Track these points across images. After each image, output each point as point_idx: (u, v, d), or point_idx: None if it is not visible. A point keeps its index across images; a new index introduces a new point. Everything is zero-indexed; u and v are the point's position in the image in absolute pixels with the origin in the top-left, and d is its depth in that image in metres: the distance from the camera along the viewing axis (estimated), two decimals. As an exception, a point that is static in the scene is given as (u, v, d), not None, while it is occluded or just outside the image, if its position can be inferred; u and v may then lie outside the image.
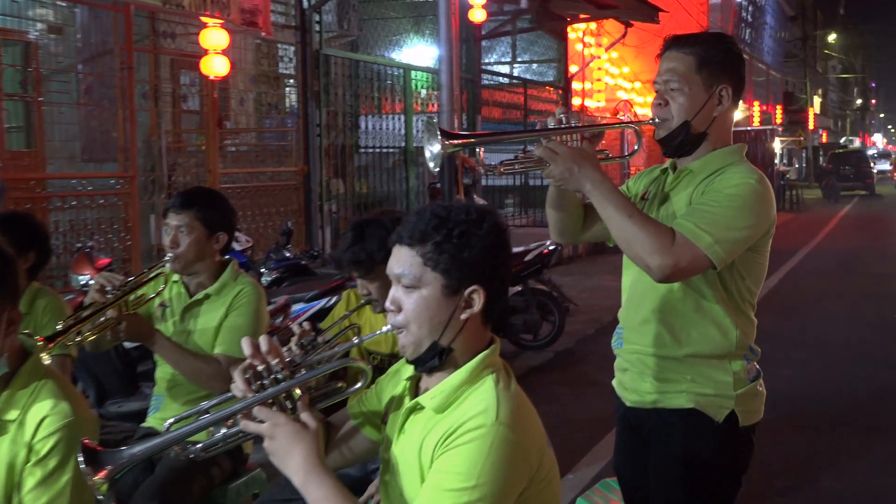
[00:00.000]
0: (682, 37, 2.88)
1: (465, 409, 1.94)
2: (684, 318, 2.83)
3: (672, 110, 2.81)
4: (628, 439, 3.05)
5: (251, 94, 11.83)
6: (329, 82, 12.28)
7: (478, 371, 2.00)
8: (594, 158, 2.70)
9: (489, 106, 16.93)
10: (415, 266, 1.98)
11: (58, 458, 2.26)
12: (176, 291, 3.70)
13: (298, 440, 1.91)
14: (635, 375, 2.96)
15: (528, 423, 1.97)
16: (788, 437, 6.43)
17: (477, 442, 1.86)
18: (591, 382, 7.73)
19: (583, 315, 10.53)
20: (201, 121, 11.12)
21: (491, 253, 1.99)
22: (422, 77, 14.50)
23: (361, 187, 13.36)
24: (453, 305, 1.98)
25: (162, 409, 3.65)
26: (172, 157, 10.93)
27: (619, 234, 2.66)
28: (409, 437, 2.04)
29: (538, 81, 20.50)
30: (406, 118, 14.08)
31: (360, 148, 13.59)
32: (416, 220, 2.00)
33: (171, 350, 3.41)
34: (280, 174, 11.82)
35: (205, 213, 3.58)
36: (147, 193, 10.00)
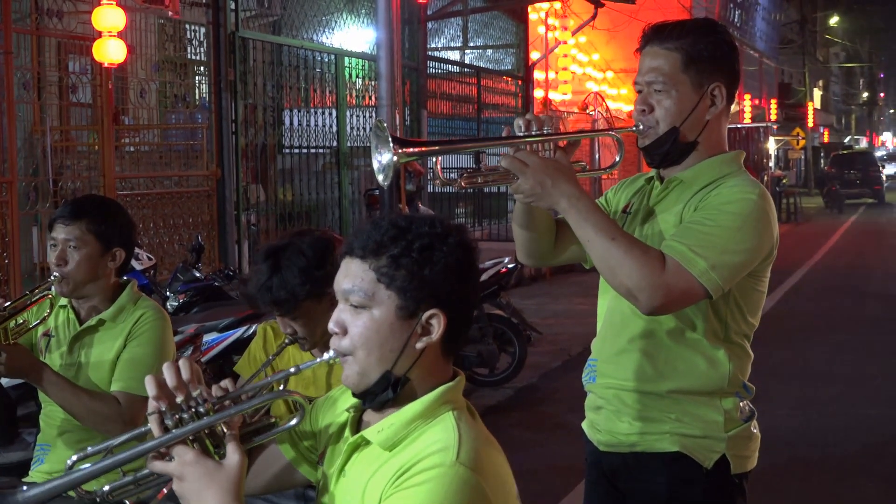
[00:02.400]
0: (664, 27, 2.89)
1: (420, 446, 1.94)
2: (669, 348, 2.87)
3: (657, 116, 2.84)
4: (602, 491, 3.07)
5: (154, 85, 11.76)
6: (247, 70, 12.25)
7: (436, 405, 2.00)
8: (570, 171, 2.73)
9: (436, 99, 16.99)
10: (366, 282, 1.98)
11: None
12: (63, 318, 3.66)
13: (211, 481, 1.90)
14: (610, 414, 2.98)
15: (495, 467, 1.97)
16: (788, 487, 6.50)
17: (432, 484, 1.86)
18: (557, 424, 7.74)
19: (548, 345, 10.59)
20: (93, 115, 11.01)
21: (455, 273, 2.00)
22: (357, 64, 14.51)
23: (285, 194, 13.31)
24: (408, 331, 1.98)
25: (48, 459, 3.61)
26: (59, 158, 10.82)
27: (600, 260, 2.69)
28: (351, 479, 2.03)
29: (494, 70, 20.60)
30: (338, 113, 14.08)
31: (283, 148, 13.56)
32: (371, 230, 2.00)
33: (60, 388, 3.37)
34: (188, 179, 11.75)
35: (98, 226, 3.55)
36: (28, 202, 9.88)
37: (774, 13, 50.67)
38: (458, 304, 2.02)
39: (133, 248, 3.70)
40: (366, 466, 2.00)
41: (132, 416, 3.41)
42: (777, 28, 51.81)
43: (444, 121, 17.34)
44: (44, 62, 10.65)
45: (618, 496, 3.01)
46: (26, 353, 3.38)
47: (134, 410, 3.42)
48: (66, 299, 3.64)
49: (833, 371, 10.14)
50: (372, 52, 14.23)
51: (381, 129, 2.60)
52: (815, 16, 59.70)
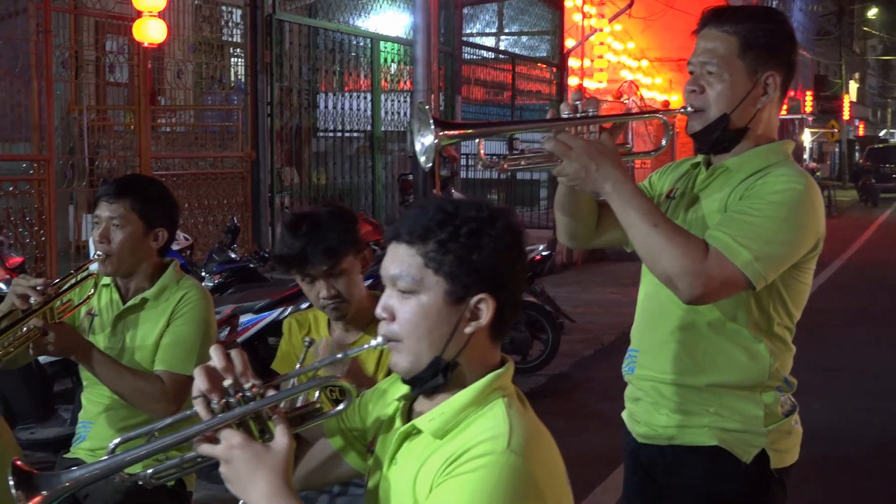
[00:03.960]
0: (724, 11, 2.86)
1: (471, 434, 1.94)
2: (708, 340, 2.85)
3: (709, 98, 2.81)
4: (639, 482, 3.07)
5: (190, 66, 11.79)
6: (282, 53, 12.25)
7: (486, 393, 2.00)
8: (615, 154, 2.71)
9: (470, 84, 16.95)
10: (414, 267, 1.98)
11: None
12: (106, 297, 3.68)
13: (260, 464, 1.90)
14: (649, 406, 2.97)
15: (546, 455, 1.97)
16: (828, 483, 6.45)
17: (483, 471, 1.86)
18: (590, 413, 7.75)
19: (580, 333, 10.58)
20: (130, 95, 11.07)
21: (504, 257, 1.99)
22: (392, 49, 14.49)
23: (319, 178, 13.32)
24: (457, 316, 1.98)
25: (90, 437, 3.63)
26: (95, 137, 10.88)
27: (641, 246, 2.67)
28: (402, 467, 2.03)
29: (529, 57, 20.53)
30: (373, 97, 14.06)
31: (317, 131, 13.57)
32: (417, 215, 2.00)
33: (105, 366, 3.39)
34: (223, 161, 11.78)
35: (142, 205, 3.57)
36: (65, 180, 9.94)
37: (812, 4, 50.20)
38: (506, 288, 2.02)
39: (175, 229, 3.72)
40: (417, 455, 2.00)
41: (175, 394, 3.43)
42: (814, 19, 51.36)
43: (478, 107, 17.29)
44: (81, 41, 10.70)
45: (655, 488, 3.00)
46: (73, 332, 3.40)
47: (177, 389, 3.44)
48: (110, 279, 3.66)
49: (869, 366, 10.07)
50: (407, 37, 14.21)
51: (423, 112, 2.59)
52: (852, 7, 59.13)
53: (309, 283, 3.21)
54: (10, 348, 3.23)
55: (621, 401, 3.14)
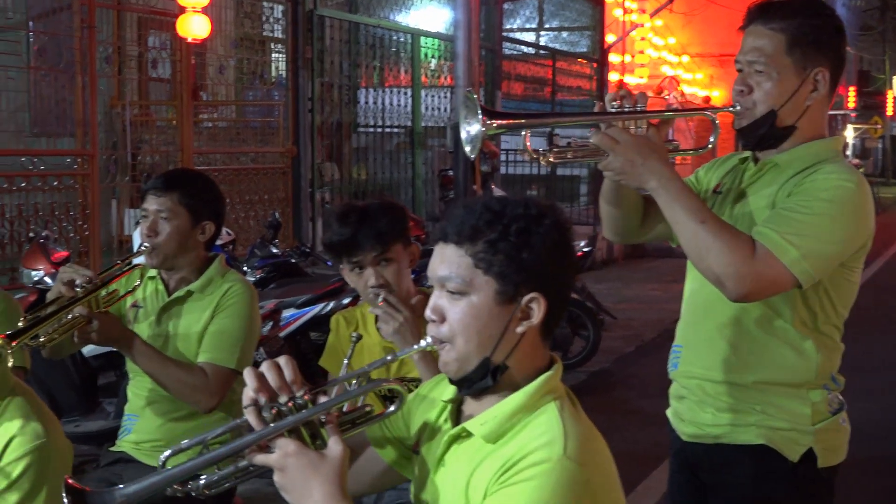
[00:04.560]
0: (769, 6, 2.82)
1: (526, 439, 1.92)
2: (755, 338, 2.82)
3: (755, 98, 2.78)
4: (684, 480, 3.05)
5: (231, 61, 11.85)
6: (323, 48, 12.28)
7: (538, 396, 1.98)
8: (662, 150, 2.69)
9: (510, 80, 16.93)
10: (463, 268, 1.96)
11: (30, 482, 2.30)
12: (151, 289, 3.70)
13: (316, 472, 1.88)
14: (693, 405, 2.95)
15: (601, 459, 1.95)
16: (874, 483, 6.39)
17: (540, 479, 1.84)
18: (631, 410, 7.70)
19: (621, 330, 10.55)
20: (172, 91, 11.13)
21: (553, 255, 1.97)
22: (432, 44, 14.49)
23: (359, 173, 13.34)
24: (508, 316, 1.96)
25: (136, 429, 3.65)
26: (137, 132, 10.95)
27: (688, 243, 2.65)
28: (451, 469, 2.02)
29: (569, 52, 20.47)
30: (413, 92, 14.07)
31: (358, 127, 13.60)
32: (464, 215, 1.98)
33: (149, 357, 3.41)
34: (264, 156, 11.83)
35: (190, 199, 3.58)
36: (108, 175, 10.02)
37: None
38: (556, 286, 2.00)
39: (222, 223, 3.73)
40: (468, 458, 1.99)
41: (218, 387, 3.44)
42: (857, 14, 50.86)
43: (518, 102, 17.26)
44: (124, 37, 10.78)
45: (701, 487, 2.98)
46: (117, 322, 3.42)
47: (220, 382, 3.45)
48: (156, 271, 3.68)
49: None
50: (447, 32, 14.20)
51: (470, 100, 2.58)
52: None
53: (357, 272, 3.19)
54: (55, 335, 3.25)
55: (663, 398, 3.12)
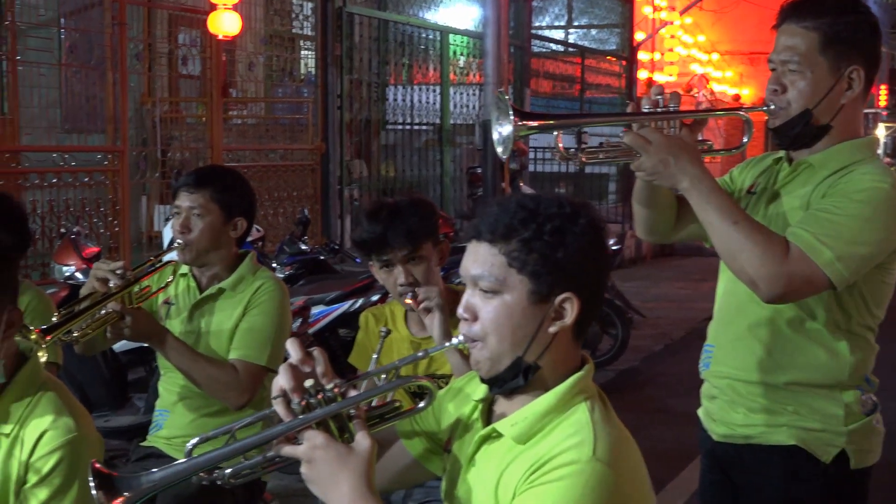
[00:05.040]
0: (803, 4, 2.79)
1: (555, 440, 1.91)
2: (787, 338, 2.81)
3: (789, 97, 2.75)
4: (716, 480, 3.04)
5: (261, 58, 11.88)
6: (353, 46, 12.29)
7: (569, 396, 1.97)
8: (694, 150, 2.67)
9: (539, 77, 16.89)
10: (497, 267, 1.95)
11: (62, 478, 2.31)
12: (183, 286, 3.71)
13: (343, 466, 1.89)
14: (725, 404, 2.94)
15: (631, 461, 1.94)
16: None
17: (569, 480, 1.83)
18: (660, 409, 7.70)
19: (649, 328, 10.52)
20: (202, 88, 11.18)
21: (588, 254, 1.96)
22: (461, 42, 14.47)
23: (388, 170, 13.35)
24: (541, 315, 1.95)
25: (167, 425, 3.67)
26: (167, 129, 11.00)
27: (721, 244, 2.64)
28: (481, 469, 2.01)
29: (598, 50, 20.39)
30: (442, 90, 14.06)
31: (386, 124, 13.61)
32: (498, 213, 1.97)
33: (181, 353, 3.42)
34: (293, 153, 11.85)
35: (222, 195, 3.59)
36: (138, 171, 10.07)
37: (887, -4, 49.41)
38: (590, 286, 1.99)
39: (254, 219, 3.74)
40: (498, 459, 1.98)
41: (249, 383, 3.45)
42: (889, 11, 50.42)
43: (547, 100, 17.22)
44: (155, 34, 10.83)
45: (732, 487, 2.96)
46: (150, 318, 3.43)
47: (250, 378, 3.46)
48: (187, 268, 3.69)
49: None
50: (476, 30, 14.19)
51: (502, 101, 2.57)
52: (929, 0, 58.09)
53: (387, 270, 3.19)
54: (89, 330, 3.27)
55: (691, 397, 3.11)
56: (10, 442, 2.36)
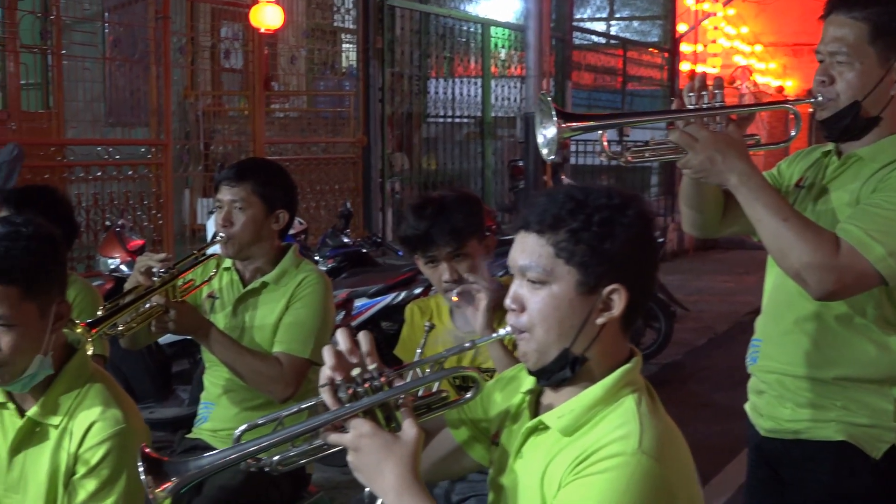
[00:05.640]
0: None
1: (601, 432, 1.91)
2: (836, 333, 2.78)
3: (837, 89, 2.72)
4: (763, 475, 3.02)
5: (303, 51, 11.90)
6: (394, 39, 12.31)
7: (616, 389, 1.96)
8: (742, 146, 2.64)
9: (580, 70, 16.84)
10: (544, 257, 1.94)
11: (110, 469, 2.34)
12: (227, 280, 3.71)
13: (389, 454, 1.89)
14: (773, 399, 2.91)
15: (677, 455, 1.93)
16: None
17: (613, 473, 1.83)
18: (704, 403, 7.64)
19: (692, 322, 10.47)
20: (244, 81, 11.22)
21: (636, 246, 1.95)
22: (503, 34, 14.45)
23: (429, 163, 13.36)
24: (589, 307, 1.94)
25: (212, 417, 3.68)
26: (210, 122, 11.06)
27: (770, 241, 2.61)
28: (528, 461, 2.01)
29: (640, 42, 20.30)
30: (483, 83, 14.05)
31: (428, 117, 13.61)
32: (546, 203, 1.96)
33: (225, 347, 3.43)
34: (335, 146, 11.88)
35: (263, 188, 3.59)
36: (181, 165, 10.13)
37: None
38: (639, 277, 1.98)
39: (295, 211, 3.74)
40: (544, 451, 1.97)
41: (293, 377, 3.46)
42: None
43: (588, 92, 17.17)
44: (198, 28, 10.88)
45: (779, 482, 2.94)
46: (194, 311, 3.44)
47: (295, 372, 3.46)
48: (230, 261, 3.69)
49: None
50: (518, 22, 14.17)
51: (545, 103, 2.56)
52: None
53: (432, 266, 3.19)
54: (133, 324, 3.30)
55: (735, 391, 3.09)
56: (59, 433, 2.38)
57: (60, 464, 2.38)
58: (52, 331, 2.36)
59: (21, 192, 3.84)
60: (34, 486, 2.40)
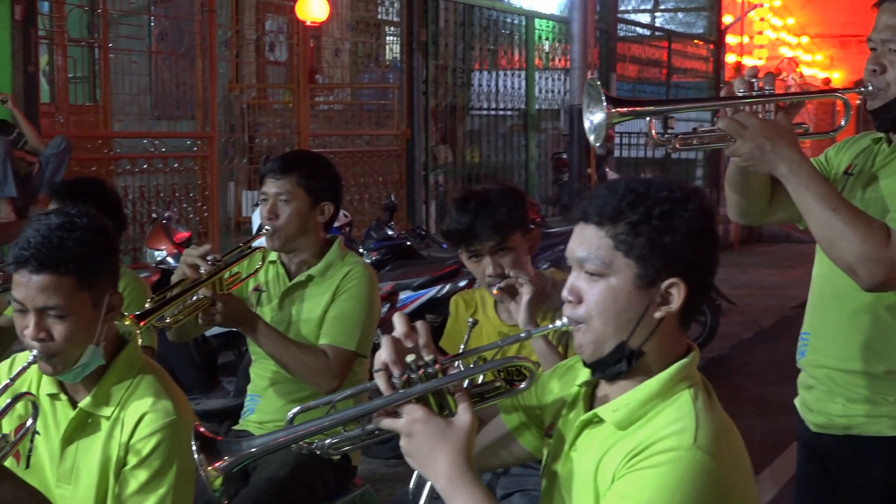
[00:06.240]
0: None
1: (656, 426, 1.89)
2: (887, 326, 2.74)
3: (888, 78, 2.68)
4: (813, 471, 2.98)
5: (347, 44, 11.93)
6: (437, 31, 12.31)
7: (672, 383, 1.94)
8: (791, 134, 2.60)
9: (625, 62, 16.77)
10: (603, 249, 1.93)
11: (161, 459, 2.35)
12: (273, 273, 3.72)
13: (442, 441, 1.89)
14: (823, 394, 2.88)
15: (733, 452, 1.91)
16: None
17: (667, 467, 1.81)
18: (751, 398, 7.56)
19: (738, 316, 10.39)
20: (289, 74, 11.27)
21: (697, 240, 1.93)
22: (547, 26, 14.42)
23: (472, 156, 13.36)
24: (647, 300, 1.93)
25: (259, 409, 3.69)
26: (254, 115, 11.12)
27: (819, 230, 2.57)
28: (582, 454, 2.00)
29: (685, 34, 20.19)
30: (527, 75, 14.03)
31: (471, 109, 13.61)
32: (606, 195, 1.95)
33: (272, 339, 3.43)
34: (379, 138, 11.91)
35: (308, 180, 3.58)
36: (226, 157, 10.18)
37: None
38: (698, 272, 1.95)
39: (340, 203, 3.73)
40: (598, 444, 1.96)
41: (339, 369, 3.46)
42: None
43: (633, 84, 17.10)
44: (243, 21, 10.93)
45: (830, 477, 2.91)
46: (241, 304, 3.45)
47: (341, 364, 3.47)
48: (276, 254, 3.70)
49: None
50: (562, 14, 14.13)
51: (594, 88, 2.53)
52: None
53: (475, 260, 3.18)
54: (181, 316, 3.30)
55: (782, 385, 3.06)
56: (111, 424, 2.40)
57: (112, 454, 2.40)
58: (105, 321, 2.38)
59: (70, 185, 3.86)
60: (86, 477, 2.43)
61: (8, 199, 7.41)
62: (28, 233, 2.32)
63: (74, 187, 3.78)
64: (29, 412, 2.34)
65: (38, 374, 2.48)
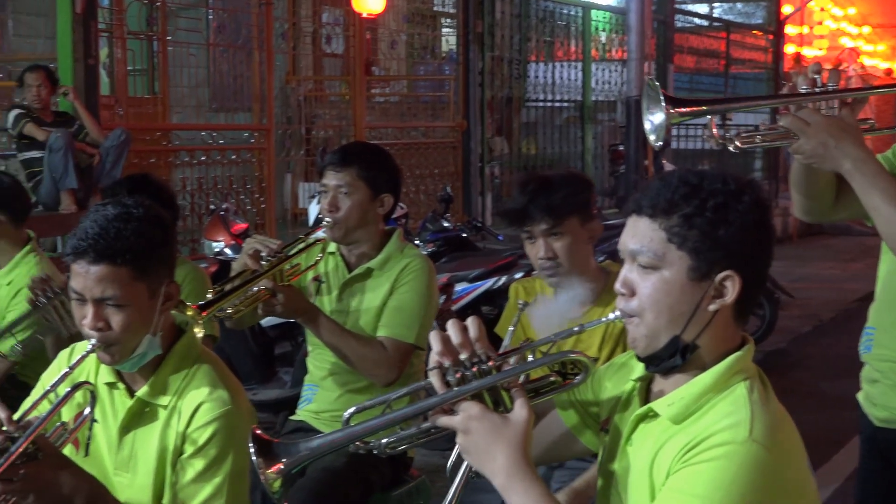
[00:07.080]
0: None
1: (711, 420, 1.87)
2: (954, 322, 2.71)
3: None
4: (876, 466, 2.95)
5: (403, 36, 11.95)
6: (493, 23, 12.29)
7: (727, 376, 1.92)
8: (856, 130, 2.55)
9: (682, 53, 16.65)
10: (656, 242, 1.91)
11: (217, 449, 2.36)
12: (332, 264, 3.73)
13: (500, 436, 1.88)
14: (887, 388, 2.84)
15: (789, 445, 1.88)
16: None
17: (722, 461, 1.79)
18: (810, 392, 7.47)
19: (797, 309, 10.29)
20: (345, 66, 11.31)
21: (751, 233, 1.90)
22: (603, 17, 14.37)
23: (528, 148, 13.34)
24: (700, 293, 1.90)
25: (316, 399, 3.70)
26: (311, 107, 11.16)
27: (885, 227, 2.53)
28: (638, 448, 1.98)
29: (743, 24, 20.03)
30: (583, 66, 13.99)
31: (527, 101, 13.58)
32: (660, 187, 1.93)
33: (331, 330, 3.44)
34: (435, 130, 11.93)
35: (368, 172, 3.59)
36: (283, 149, 10.23)
37: None
38: (753, 265, 1.93)
39: (399, 195, 3.73)
40: (654, 438, 1.94)
41: (397, 361, 3.46)
42: None
43: (690, 76, 16.97)
44: (299, 13, 10.98)
45: (893, 473, 2.88)
46: (301, 295, 3.47)
47: (399, 356, 3.47)
48: (335, 246, 3.71)
49: None
50: (619, 5, 14.05)
51: (653, 89, 2.51)
52: None
53: (530, 242, 3.18)
54: (241, 307, 3.32)
55: (842, 380, 3.02)
56: (168, 413, 2.42)
57: (169, 443, 2.41)
58: (161, 311, 2.39)
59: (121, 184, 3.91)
60: (143, 465, 2.45)
61: (69, 191, 7.49)
62: (86, 224, 2.34)
63: (128, 186, 3.81)
64: (87, 401, 2.36)
65: (96, 364, 2.50)
